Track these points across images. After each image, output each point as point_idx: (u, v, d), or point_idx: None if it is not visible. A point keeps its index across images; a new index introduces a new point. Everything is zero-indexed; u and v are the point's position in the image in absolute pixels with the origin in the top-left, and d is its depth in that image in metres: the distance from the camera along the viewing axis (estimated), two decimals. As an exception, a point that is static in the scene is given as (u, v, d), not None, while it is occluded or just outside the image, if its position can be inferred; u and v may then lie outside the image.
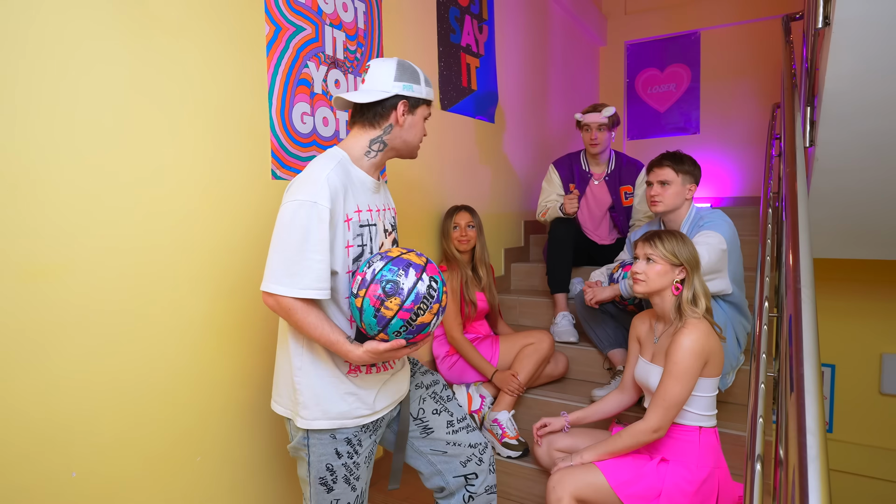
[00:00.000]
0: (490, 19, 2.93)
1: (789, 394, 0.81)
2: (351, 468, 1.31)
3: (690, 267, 1.60)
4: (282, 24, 1.70)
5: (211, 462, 1.52)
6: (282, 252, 1.19)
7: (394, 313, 1.16)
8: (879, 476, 3.67)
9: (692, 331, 1.53)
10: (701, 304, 1.58)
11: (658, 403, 1.55)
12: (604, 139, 2.65)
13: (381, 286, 1.16)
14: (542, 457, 1.87)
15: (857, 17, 1.52)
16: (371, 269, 1.19)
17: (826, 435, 0.73)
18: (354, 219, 1.27)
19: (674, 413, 1.54)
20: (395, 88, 1.28)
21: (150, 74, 1.35)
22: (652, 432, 1.56)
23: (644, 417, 1.58)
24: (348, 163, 1.30)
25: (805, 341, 0.87)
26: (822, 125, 1.98)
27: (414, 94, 1.30)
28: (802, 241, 1.12)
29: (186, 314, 1.45)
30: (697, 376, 1.53)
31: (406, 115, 1.31)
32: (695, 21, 4.31)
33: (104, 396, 1.27)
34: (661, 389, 1.54)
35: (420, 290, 1.17)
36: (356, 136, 1.33)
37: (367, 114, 1.31)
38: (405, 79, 1.29)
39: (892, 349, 3.65)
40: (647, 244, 1.64)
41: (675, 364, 1.52)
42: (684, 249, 1.61)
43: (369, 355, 1.20)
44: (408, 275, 1.17)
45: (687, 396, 1.53)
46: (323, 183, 1.19)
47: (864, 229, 2.77)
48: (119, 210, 1.29)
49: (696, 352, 1.51)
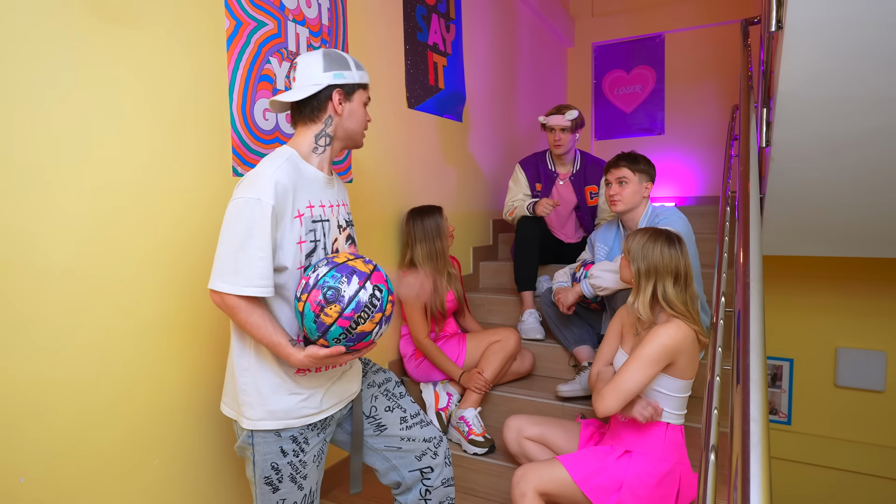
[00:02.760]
0: (458, 18, 2.93)
1: (736, 385, 0.83)
2: (297, 467, 1.29)
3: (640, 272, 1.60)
4: (242, 19, 1.67)
5: (169, 465, 1.49)
6: (226, 250, 1.18)
7: (333, 320, 1.14)
8: (835, 466, 3.81)
9: (671, 327, 1.54)
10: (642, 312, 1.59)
11: (612, 380, 1.57)
12: (567, 141, 2.69)
13: (322, 292, 1.14)
14: (511, 444, 1.87)
15: (806, 21, 1.57)
16: (315, 273, 1.18)
17: (768, 423, 0.75)
18: (307, 214, 1.26)
19: (621, 398, 1.54)
20: (325, 79, 1.27)
21: (102, 66, 1.31)
22: (599, 397, 1.58)
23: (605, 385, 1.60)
24: (298, 159, 1.29)
25: (752, 334, 0.89)
26: (776, 125, 2.04)
27: (346, 81, 1.30)
28: (753, 238, 1.15)
29: (140, 313, 1.41)
30: (657, 371, 1.55)
31: (343, 103, 1.31)
32: (660, 24, 4.40)
33: (54, 398, 1.23)
34: (621, 370, 1.57)
35: (362, 298, 1.16)
36: (301, 133, 1.33)
37: (304, 110, 1.30)
38: (334, 67, 1.29)
39: (846, 343, 3.79)
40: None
41: (641, 349, 1.54)
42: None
43: (309, 360, 1.19)
44: (350, 282, 1.16)
45: (640, 387, 1.54)
46: (267, 180, 1.18)
47: (818, 227, 2.86)
48: (67, 206, 1.25)
49: (665, 346, 1.52)
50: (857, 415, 3.76)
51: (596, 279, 2.06)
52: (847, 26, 1.56)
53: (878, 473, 3.70)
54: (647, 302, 1.58)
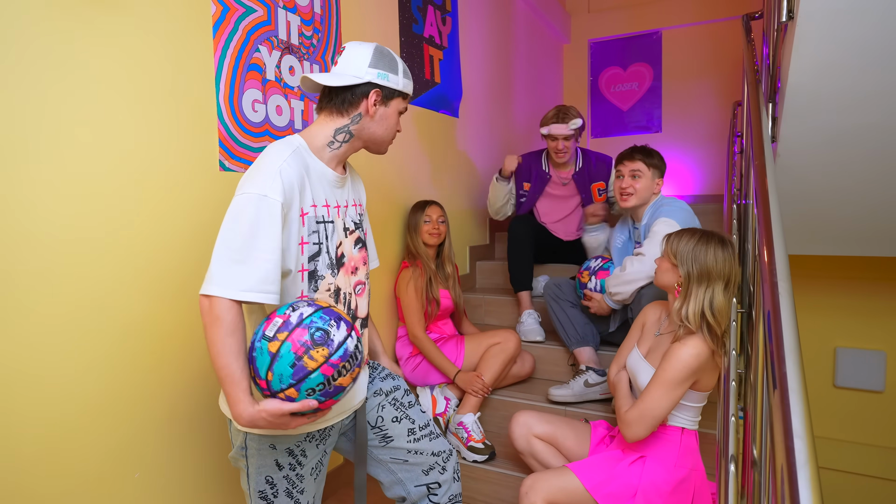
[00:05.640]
0: (454, 11, 2.85)
1: (773, 391, 0.76)
2: (293, 481, 1.20)
3: (689, 276, 1.49)
4: (230, 5, 1.58)
5: (152, 478, 1.39)
6: (224, 250, 1.04)
7: (318, 366, 0.99)
8: (834, 467, 3.77)
9: (694, 345, 1.45)
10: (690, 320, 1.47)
11: (637, 405, 1.49)
12: (571, 148, 2.62)
13: (309, 332, 1.00)
14: (518, 440, 1.75)
15: (822, 9, 1.51)
16: (297, 312, 1.03)
17: (813, 438, 0.68)
18: (310, 213, 1.16)
19: (649, 424, 1.47)
20: (368, 75, 1.18)
21: (74, 52, 1.21)
22: (624, 423, 1.50)
23: (628, 409, 1.52)
24: (306, 152, 1.18)
25: (786, 337, 0.82)
26: (784, 121, 1.99)
27: (389, 85, 1.21)
28: (776, 235, 1.08)
29: (122, 317, 1.32)
30: (683, 391, 1.47)
31: (378, 105, 1.21)
32: (657, 20, 4.35)
33: (26, 407, 1.13)
34: (645, 394, 1.49)
35: (349, 346, 1.04)
36: (321, 123, 1.22)
37: (335, 99, 1.20)
38: (381, 66, 1.20)
39: (845, 343, 3.75)
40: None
41: (665, 372, 1.46)
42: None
43: (265, 415, 1.01)
44: (339, 327, 1.04)
45: (667, 409, 1.47)
46: (275, 174, 1.08)
47: (821, 225, 2.82)
48: (35, 202, 1.15)
49: (690, 367, 1.44)
50: (857, 415, 3.72)
51: (618, 296, 2.02)
52: (863, 15, 1.50)
53: (877, 475, 3.67)
54: (698, 311, 1.46)
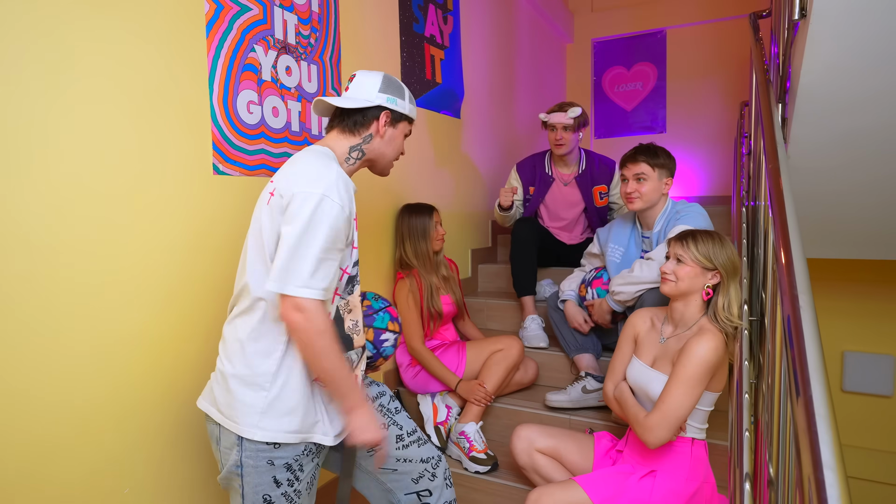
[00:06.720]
0: (455, 10, 2.80)
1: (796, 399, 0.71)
2: (291, 497, 1.16)
3: (726, 272, 1.47)
4: (224, 3, 1.53)
5: (141, 494, 1.34)
6: (312, 250, 1.07)
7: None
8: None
9: (710, 339, 1.41)
10: (734, 313, 1.46)
11: (658, 408, 1.43)
12: (569, 140, 2.55)
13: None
14: (520, 455, 1.71)
15: (837, 6, 1.45)
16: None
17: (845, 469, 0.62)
18: (354, 236, 1.23)
19: (672, 426, 1.41)
20: (378, 99, 1.29)
21: (62, 50, 1.16)
22: (646, 429, 1.43)
23: (648, 414, 1.46)
24: (336, 162, 1.25)
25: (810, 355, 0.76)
26: (795, 122, 1.93)
27: (397, 108, 1.31)
28: (794, 239, 1.03)
29: (112, 326, 1.27)
30: (702, 389, 1.43)
31: (387, 126, 1.32)
32: (661, 19, 4.29)
33: (8, 421, 1.08)
34: (665, 396, 1.42)
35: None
36: (336, 139, 1.30)
37: (347, 120, 1.29)
38: (390, 92, 1.30)
39: (853, 347, 3.69)
40: (679, 244, 1.51)
41: (685, 369, 1.40)
42: (721, 253, 1.46)
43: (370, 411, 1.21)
44: None
45: (689, 408, 1.42)
46: (340, 179, 1.14)
47: (830, 227, 2.76)
48: (18, 206, 1.10)
49: (709, 362, 1.40)
50: (865, 420, 3.67)
51: (620, 295, 1.95)
52: (881, 13, 1.45)
53: (886, 480, 3.61)
54: (741, 301, 1.47)
